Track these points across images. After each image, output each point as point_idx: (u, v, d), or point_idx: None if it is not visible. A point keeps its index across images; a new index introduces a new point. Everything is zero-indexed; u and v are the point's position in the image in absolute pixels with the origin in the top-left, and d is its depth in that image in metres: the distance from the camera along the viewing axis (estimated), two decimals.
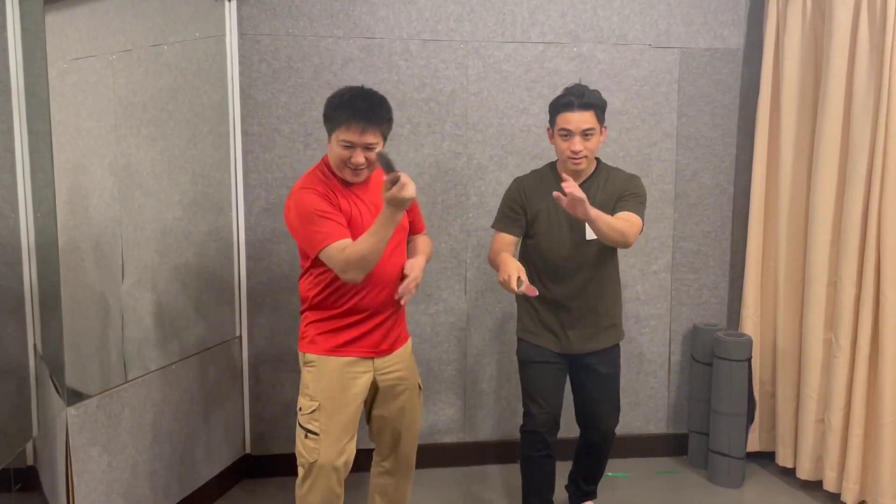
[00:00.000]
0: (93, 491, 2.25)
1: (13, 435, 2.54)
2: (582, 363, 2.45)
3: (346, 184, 2.08)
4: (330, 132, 2.04)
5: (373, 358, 2.13)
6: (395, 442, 2.27)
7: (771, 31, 3.01)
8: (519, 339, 2.53)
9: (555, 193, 2.07)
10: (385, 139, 2.06)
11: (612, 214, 2.28)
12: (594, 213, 2.11)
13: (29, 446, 2.69)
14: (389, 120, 2.07)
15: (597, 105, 2.27)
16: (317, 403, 2.07)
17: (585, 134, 2.25)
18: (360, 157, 1.99)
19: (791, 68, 2.94)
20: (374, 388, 2.18)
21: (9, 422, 2.51)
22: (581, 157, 2.27)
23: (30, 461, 2.70)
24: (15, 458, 2.61)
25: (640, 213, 2.32)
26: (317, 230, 1.97)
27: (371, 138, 1.99)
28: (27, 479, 2.68)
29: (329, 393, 2.07)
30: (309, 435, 2.07)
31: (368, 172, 2.07)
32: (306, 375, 2.12)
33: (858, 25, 2.67)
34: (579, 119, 2.24)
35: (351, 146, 1.98)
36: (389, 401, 2.21)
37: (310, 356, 2.12)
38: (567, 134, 2.27)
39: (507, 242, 2.38)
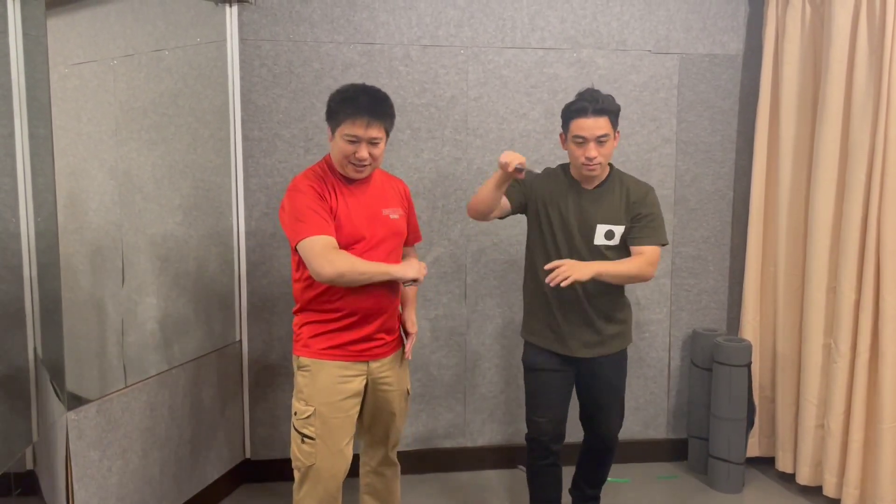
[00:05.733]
0: (92, 496, 2.24)
1: (13, 439, 2.53)
2: (589, 368, 2.44)
3: (347, 181, 2.08)
4: (334, 128, 2.04)
5: (367, 361, 2.13)
6: (383, 441, 2.29)
7: (770, 36, 3.02)
8: (525, 343, 2.50)
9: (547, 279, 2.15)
10: (388, 135, 2.08)
11: (626, 228, 2.31)
12: (595, 270, 2.19)
13: (29, 451, 2.69)
14: (392, 116, 2.09)
15: (611, 111, 2.25)
16: (312, 408, 2.07)
17: (600, 140, 2.23)
18: (364, 152, 2.00)
19: (790, 73, 2.95)
20: (366, 391, 2.18)
21: (9, 426, 2.51)
22: (595, 164, 2.26)
23: (30, 466, 2.70)
24: (15, 463, 2.61)
25: (657, 238, 2.33)
26: (301, 223, 1.98)
27: (375, 132, 2.01)
28: (27, 483, 2.68)
29: (324, 398, 2.07)
30: (305, 439, 2.07)
31: (370, 169, 2.08)
32: (300, 379, 2.12)
33: (857, 30, 2.68)
34: (593, 125, 2.22)
35: (356, 141, 1.99)
36: (381, 404, 2.21)
37: (304, 360, 2.11)
38: (582, 141, 2.24)
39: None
